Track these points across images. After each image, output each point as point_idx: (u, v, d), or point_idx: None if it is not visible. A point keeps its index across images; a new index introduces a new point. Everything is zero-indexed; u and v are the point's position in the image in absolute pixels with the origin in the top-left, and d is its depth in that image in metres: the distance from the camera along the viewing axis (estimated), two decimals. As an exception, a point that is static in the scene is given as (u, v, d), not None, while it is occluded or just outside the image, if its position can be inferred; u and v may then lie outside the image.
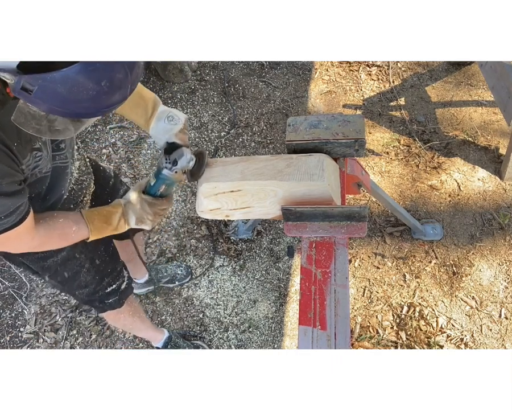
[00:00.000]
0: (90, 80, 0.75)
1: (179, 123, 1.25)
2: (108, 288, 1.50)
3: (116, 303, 1.57)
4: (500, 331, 1.92)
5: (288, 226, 1.24)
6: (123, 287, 1.56)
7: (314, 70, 2.87)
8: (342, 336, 1.07)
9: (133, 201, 1.21)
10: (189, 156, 1.21)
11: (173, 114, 1.25)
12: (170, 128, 1.24)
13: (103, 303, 1.54)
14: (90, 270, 1.41)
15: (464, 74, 2.69)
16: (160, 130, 1.24)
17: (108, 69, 0.76)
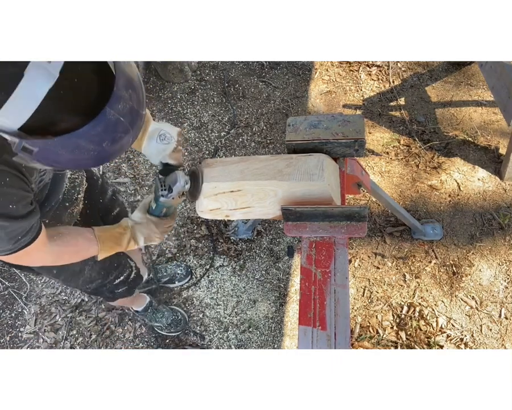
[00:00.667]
0: (92, 143, 0.75)
1: (171, 142, 1.21)
2: (116, 280, 1.53)
3: (127, 292, 1.61)
4: (500, 331, 1.92)
5: (288, 226, 1.24)
6: (132, 277, 1.59)
7: (314, 70, 2.87)
8: (342, 336, 1.08)
9: (141, 223, 1.22)
10: (182, 181, 1.19)
11: (165, 132, 1.21)
12: (163, 148, 1.20)
13: (113, 293, 1.57)
14: (94, 267, 1.42)
15: (464, 74, 2.69)
16: (152, 150, 1.21)
17: (110, 130, 0.75)
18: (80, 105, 0.73)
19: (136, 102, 0.78)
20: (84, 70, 0.72)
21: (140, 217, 1.22)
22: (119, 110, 0.74)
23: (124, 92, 0.74)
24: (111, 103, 0.72)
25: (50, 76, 0.67)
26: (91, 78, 0.73)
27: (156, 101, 2.78)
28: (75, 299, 2.22)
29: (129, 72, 0.78)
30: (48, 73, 0.67)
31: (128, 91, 0.76)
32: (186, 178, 1.20)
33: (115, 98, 0.73)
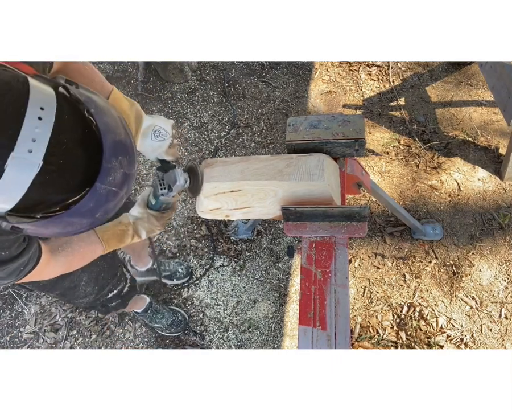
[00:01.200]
0: (84, 218, 0.73)
1: (167, 138, 1.18)
2: (110, 294, 1.51)
3: (120, 306, 1.59)
4: (500, 331, 1.92)
5: (288, 226, 1.24)
6: (125, 290, 1.57)
7: (314, 70, 2.87)
8: (342, 336, 1.08)
9: (141, 217, 1.21)
10: (182, 180, 1.17)
11: (159, 127, 1.18)
12: (159, 145, 1.18)
13: (106, 307, 1.55)
14: (89, 283, 1.41)
15: (464, 74, 2.69)
16: (148, 148, 1.18)
17: (103, 202, 0.72)
18: (68, 184, 0.68)
19: (127, 166, 0.74)
20: (69, 147, 0.66)
21: (141, 212, 1.20)
22: (110, 182, 0.70)
23: (114, 162, 0.70)
24: (101, 178, 0.69)
25: (33, 165, 0.62)
26: (77, 155, 0.67)
27: (156, 101, 2.78)
28: (75, 299, 2.22)
29: (117, 133, 0.73)
30: (30, 163, 0.62)
31: (118, 159, 0.71)
32: (185, 176, 1.19)
33: (104, 172, 0.69)
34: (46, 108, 0.63)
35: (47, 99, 0.64)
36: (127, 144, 0.75)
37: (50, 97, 0.65)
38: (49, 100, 0.65)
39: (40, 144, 0.62)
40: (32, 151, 0.61)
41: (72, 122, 0.68)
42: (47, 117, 0.63)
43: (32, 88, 0.64)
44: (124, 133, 0.75)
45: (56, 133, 0.63)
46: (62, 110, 0.66)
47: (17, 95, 0.62)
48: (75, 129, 0.68)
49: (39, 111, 0.62)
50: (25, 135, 0.61)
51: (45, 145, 0.62)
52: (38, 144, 0.62)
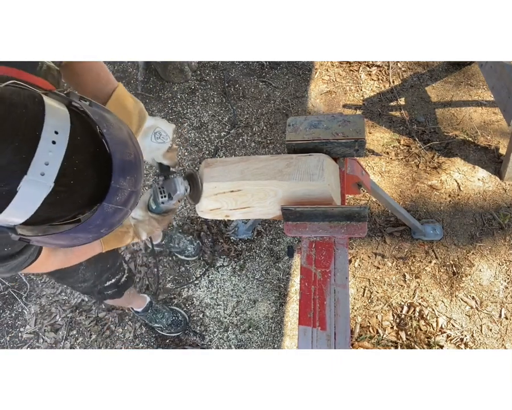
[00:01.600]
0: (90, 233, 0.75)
1: (166, 141, 1.18)
2: (107, 282, 1.53)
3: (116, 294, 1.61)
4: (500, 331, 1.92)
5: (288, 226, 1.24)
6: (122, 281, 1.59)
7: (314, 70, 2.87)
8: (342, 336, 1.08)
9: (143, 220, 1.21)
10: (182, 189, 1.17)
11: (161, 130, 1.18)
12: (157, 147, 1.17)
13: (102, 294, 1.58)
14: (89, 267, 1.43)
15: (464, 74, 2.69)
16: (146, 148, 1.17)
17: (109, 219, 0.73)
18: (77, 203, 0.70)
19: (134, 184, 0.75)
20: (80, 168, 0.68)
21: (142, 215, 1.21)
22: (117, 201, 0.72)
23: (122, 182, 0.71)
24: (109, 198, 0.70)
25: (44, 187, 0.64)
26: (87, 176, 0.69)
27: (156, 101, 2.78)
28: (75, 299, 2.22)
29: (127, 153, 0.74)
30: (41, 185, 0.63)
31: (126, 179, 0.72)
32: (185, 184, 1.19)
33: (112, 192, 0.70)
34: (61, 132, 0.65)
35: (62, 122, 0.66)
36: (136, 163, 0.76)
37: (65, 119, 0.67)
38: (64, 123, 0.66)
39: (52, 167, 0.63)
40: (44, 174, 0.63)
41: (84, 143, 0.69)
42: (61, 140, 0.64)
43: (47, 110, 0.65)
44: (134, 152, 0.76)
45: (68, 156, 0.65)
46: (75, 132, 0.67)
47: (33, 118, 0.63)
48: (87, 150, 0.69)
49: (53, 135, 0.63)
50: (39, 159, 0.62)
51: (58, 168, 0.64)
52: (51, 167, 0.63)
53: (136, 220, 1.22)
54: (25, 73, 0.74)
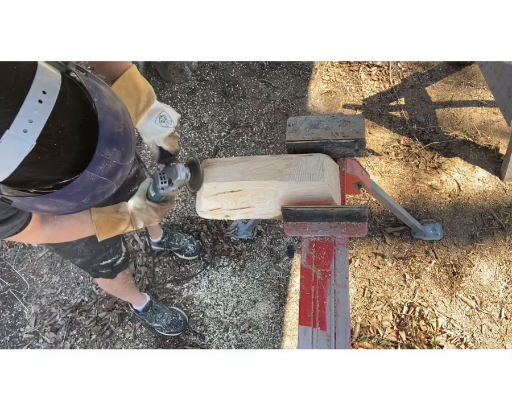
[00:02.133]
0: (70, 201, 0.74)
1: (170, 126, 1.17)
2: (103, 262, 1.55)
3: (109, 275, 1.62)
4: (500, 331, 1.92)
5: (288, 226, 1.24)
6: (118, 262, 1.60)
7: (314, 70, 2.87)
8: (342, 336, 1.08)
9: (140, 208, 1.20)
10: (183, 174, 1.16)
11: (166, 114, 1.18)
12: (160, 130, 1.17)
13: (96, 272, 1.59)
14: (88, 244, 1.44)
15: (464, 74, 2.69)
16: (148, 129, 1.17)
17: (90, 189, 0.72)
18: (58, 167, 0.69)
19: (121, 157, 0.74)
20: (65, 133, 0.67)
21: (140, 203, 1.20)
22: (100, 171, 0.71)
23: (107, 152, 0.70)
24: (91, 166, 0.69)
25: (26, 144, 0.63)
26: (71, 141, 0.69)
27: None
28: (75, 299, 2.22)
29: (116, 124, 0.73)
30: (23, 142, 0.63)
31: (112, 150, 0.71)
32: (186, 171, 1.18)
33: (95, 161, 0.69)
34: (49, 92, 0.65)
35: (51, 84, 0.66)
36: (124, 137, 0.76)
37: (55, 81, 0.67)
38: (53, 84, 0.66)
39: (36, 125, 0.63)
40: (27, 131, 0.62)
41: (72, 109, 0.69)
42: (48, 100, 0.64)
43: (38, 70, 0.65)
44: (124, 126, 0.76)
45: (53, 117, 0.65)
46: (65, 96, 0.67)
47: (23, 75, 0.64)
48: (75, 116, 0.69)
49: (41, 94, 0.64)
50: (23, 115, 0.62)
51: (41, 127, 0.64)
52: (35, 125, 0.63)
53: (134, 208, 1.20)
54: None
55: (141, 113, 1.15)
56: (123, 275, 1.70)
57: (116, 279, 1.67)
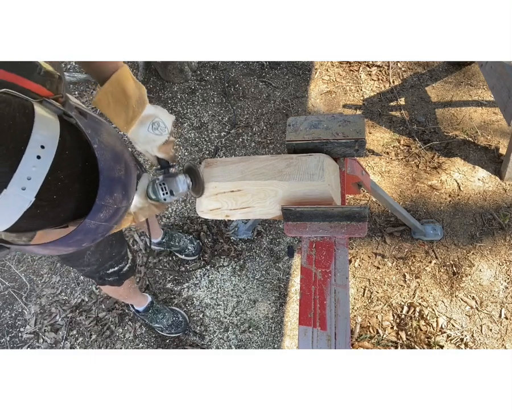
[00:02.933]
0: (69, 247, 0.72)
1: (164, 134, 1.12)
2: (110, 269, 1.53)
3: (116, 282, 1.61)
4: (500, 331, 1.92)
5: (288, 226, 1.24)
6: (124, 269, 1.58)
7: (314, 70, 2.87)
8: (342, 336, 1.08)
9: (142, 207, 1.17)
10: (185, 187, 1.14)
11: (159, 120, 1.11)
12: (153, 138, 1.11)
13: (102, 280, 1.58)
14: (95, 253, 1.43)
15: (464, 74, 2.69)
16: (140, 138, 1.11)
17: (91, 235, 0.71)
18: (58, 217, 0.68)
19: (121, 201, 0.72)
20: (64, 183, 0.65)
21: (142, 203, 1.16)
22: (100, 218, 0.69)
23: (108, 199, 0.68)
24: (92, 214, 0.67)
25: (24, 201, 0.61)
26: (71, 191, 0.66)
27: (156, 101, 2.78)
28: (75, 299, 2.22)
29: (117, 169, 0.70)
30: (21, 199, 0.61)
31: (112, 196, 0.69)
32: (187, 181, 1.16)
33: (96, 209, 0.67)
34: (47, 146, 0.62)
35: (50, 136, 0.63)
36: (125, 180, 0.73)
37: (54, 132, 0.64)
38: (52, 137, 0.64)
39: (34, 182, 0.61)
40: (25, 188, 0.60)
41: (72, 157, 0.66)
42: (46, 155, 0.62)
43: (36, 123, 0.63)
44: (126, 168, 0.73)
45: (53, 170, 0.62)
46: (64, 146, 0.65)
47: (20, 131, 0.61)
48: (75, 164, 0.67)
49: (39, 149, 0.61)
50: (21, 172, 0.60)
51: (40, 183, 0.61)
52: (33, 182, 0.61)
53: (136, 207, 1.17)
54: (22, 78, 0.71)
55: (132, 120, 1.08)
56: (128, 281, 1.69)
57: (122, 285, 1.66)
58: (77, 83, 2.92)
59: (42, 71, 0.75)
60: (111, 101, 1.04)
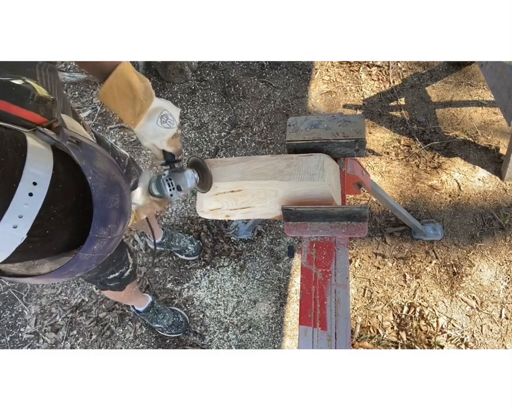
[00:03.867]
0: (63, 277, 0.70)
1: (173, 126, 1.10)
2: (111, 275, 1.52)
3: (117, 288, 1.60)
4: (500, 331, 1.92)
5: (289, 226, 1.24)
6: (126, 275, 1.57)
7: (314, 70, 2.87)
8: (342, 336, 1.07)
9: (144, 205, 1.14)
10: (193, 181, 1.12)
11: (168, 113, 1.09)
12: (163, 132, 1.09)
13: (104, 285, 1.57)
14: None
15: (464, 74, 2.69)
16: (149, 131, 1.08)
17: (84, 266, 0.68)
18: (52, 250, 0.66)
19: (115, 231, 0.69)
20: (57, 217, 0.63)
21: (144, 201, 1.12)
22: (94, 250, 0.66)
23: (102, 231, 0.66)
24: (85, 248, 0.65)
25: (16, 238, 0.59)
26: (64, 224, 0.64)
27: (156, 101, 2.78)
28: (75, 300, 2.22)
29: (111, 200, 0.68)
30: (13, 237, 0.59)
31: (107, 228, 0.67)
32: (195, 176, 1.14)
33: (90, 242, 0.65)
34: (40, 182, 0.60)
35: (42, 171, 0.61)
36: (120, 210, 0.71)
37: (47, 166, 0.62)
38: (45, 171, 0.61)
39: (26, 220, 0.59)
40: (17, 226, 0.58)
41: (65, 191, 0.64)
42: (39, 192, 0.60)
43: (28, 158, 0.60)
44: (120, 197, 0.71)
45: (46, 206, 0.60)
46: (57, 180, 0.62)
47: (11, 169, 0.59)
48: (68, 197, 0.65)
49: (31, 186, 0.59)
50: (13, 211, 0.58)
51: (32, 220, 0.60)
52: (25, 220, 0.59)
53: (138, 206, 1.14)
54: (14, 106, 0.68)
55: (140, 114, 1.06)
56: (130, 285, 1.68)
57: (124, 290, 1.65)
58: (77, 84, 2.92)
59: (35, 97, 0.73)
60: (116, 95, 1.01)
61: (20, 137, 0.62)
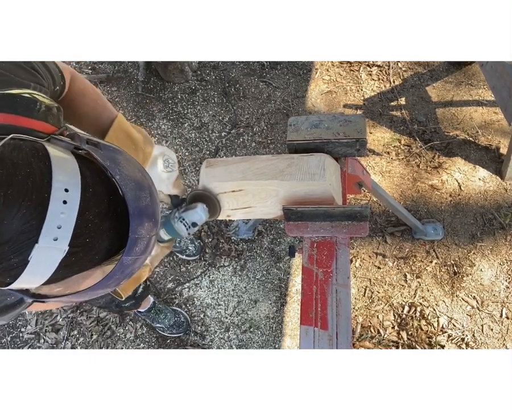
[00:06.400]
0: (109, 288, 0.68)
1: (175, 169, 1.11)
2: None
3: (133, 306, 1.59)
4: (501, 331, 1.92)
5: (289, 226, 1.24)
6: (139, 292, 1.57)
7: (314, 70, 2.87)
8: (343, 336, 1.08)
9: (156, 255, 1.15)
10: (206, 213, 1.14)
11: (168, 157, 1.10)
12: (168, 177, 1.10)
13: (119, 307, 1.56)
14: None
15: (465, 74, 2.69)
16: (155, 179, 1.07)
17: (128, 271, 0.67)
18: (95, 259, 0.63)
19: (152, 229, 0.67)
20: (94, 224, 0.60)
21: (155, 250, 1.14)
22: (136, 252, 0.64)
23: (140, 230, 0.63)
24: (128, 251, 0.63)
25: (58, 252, 0.57)
26: (102, 230, 0.62)
27: (157, 101, 2.78)
28: (76, 300, 2.22)
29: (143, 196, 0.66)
30: (55, 251, 0.57)
31: (144, 227, 0.64)
32: (206, 210, 1.17)
33: (131, 244, 0.63)
34: (71, 188, 0.58)
35: (71, 177, 0.59)
36: (153, 206, 0.68)
37: (74, 172, 0.59)
38: (74, 177, 0.59)
39: (65, 230, 0.57)
40: (57, 238, 0.56)
41: (97, 194, 0.62)
42: (72, 198, 0.57)
43: (54, 165, 0.58)
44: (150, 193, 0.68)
45: (81, 213, 0.58)
46: (87, 184, 0.60)
47: (40, 178, 0.56)
48: (101, 200, 0.62)
49: (64, 194, 0.56)
50: (50, 223, 0.55)
51: (71, 229, 0.57)
52: (64, 230, 0.56)
53: (151, 257, 1.15)
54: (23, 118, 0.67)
55: (143, 163, 1.06)
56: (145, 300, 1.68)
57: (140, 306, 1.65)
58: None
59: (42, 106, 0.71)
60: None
61: (39, 147, 0.60)
